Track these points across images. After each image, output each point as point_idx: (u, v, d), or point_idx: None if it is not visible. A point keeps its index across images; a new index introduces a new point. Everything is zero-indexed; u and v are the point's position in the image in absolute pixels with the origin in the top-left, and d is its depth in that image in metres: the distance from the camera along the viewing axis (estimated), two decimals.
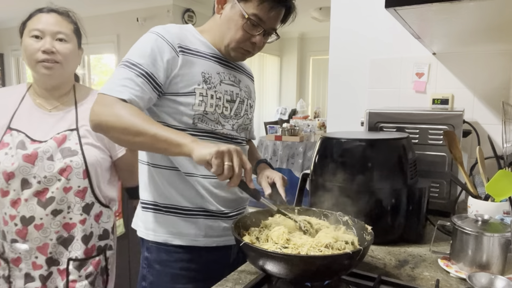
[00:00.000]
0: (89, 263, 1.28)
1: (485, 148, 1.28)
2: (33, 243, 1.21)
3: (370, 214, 1.03)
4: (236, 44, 1.09)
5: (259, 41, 1.10)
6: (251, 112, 1.27)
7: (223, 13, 1.10)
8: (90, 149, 1.25)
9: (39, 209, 1.19)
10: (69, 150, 1.22)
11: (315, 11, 5.68)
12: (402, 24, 1.01)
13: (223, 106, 1.12)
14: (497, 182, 1.04)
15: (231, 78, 1.17)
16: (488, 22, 1.04)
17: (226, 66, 1.17)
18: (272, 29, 1.13)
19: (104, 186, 1.31)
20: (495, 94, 1.58)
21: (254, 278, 0.86)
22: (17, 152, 1.18)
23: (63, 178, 1.20)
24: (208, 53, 1.12)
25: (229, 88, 1.15)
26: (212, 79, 1.10)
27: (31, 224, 1.19)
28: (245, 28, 1.07)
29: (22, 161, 1.17)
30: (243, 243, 0.78)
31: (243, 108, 1.20)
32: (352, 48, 1.86)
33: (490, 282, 0.79)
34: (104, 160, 1.28)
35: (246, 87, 1.24)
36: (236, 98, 1.17)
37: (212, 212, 1.13)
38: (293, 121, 5.33)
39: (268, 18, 1.07)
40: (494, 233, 0.88)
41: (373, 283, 0.83)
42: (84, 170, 1.23)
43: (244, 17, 1.05)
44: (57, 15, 1.25)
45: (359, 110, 1.81)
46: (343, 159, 1.08)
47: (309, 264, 0.74)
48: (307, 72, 8.09)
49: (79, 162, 1.21)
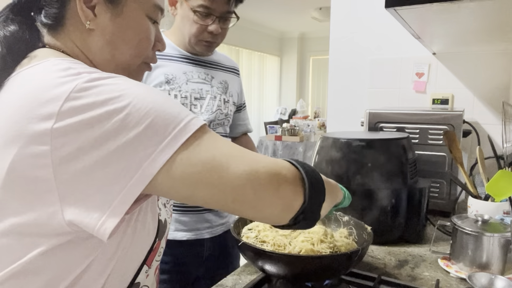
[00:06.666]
0: None
1: (485, 148, 1.28)
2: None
3: (370, 214, 1.03)
4: (195, 38, 1.13)
5: (215, 29, 1.12)
6: (228, 107, 1.27)
7: (177, 13, 1.15)
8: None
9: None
10: None
11: (315, 11, 5.68)
12: (402, 24, 1.01)
13: (191, 104, 1.15)
14: (497, 182, 1.04)
15: (201, 76, 1.19)
16: (488, 22, 1.04)
17: (196, 65, 1.19)
18: (226, 13, 1.13)
19: None
20: (495, 94, 1.58)
21: (254, 278, 0.86)
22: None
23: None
24: (175, 54, 1.16)
25: (197, 86, 1.17)
26: (176, 80, 1.13)
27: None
28: (197, 21, 1.10)
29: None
30: (241, 243, 0.78)
31: (215, 104, 1.21)
32: (352, 48, 1.86)
33: (490, 282, 0.79)
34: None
35: (220, 83, 1.25)
36: (206, 95, 1.18)
37: (180, 206, 1.16)
38: (293, 121, 5.33)
39: (214, 4, 1.09)
40: (494, 233, 0.88)
41: (373, 283, 0.83)
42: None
43: (192, 11, 1.09)
44: None
45: (359, 110, 1.81)
46: (343, 159, 1.08)
47: (308, 264, 0.74)
48: (307, 72, 8.10)
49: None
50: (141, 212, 0.59)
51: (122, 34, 0.61)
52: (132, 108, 0.48)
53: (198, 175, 0.49)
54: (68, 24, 0.59)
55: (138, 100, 0.48)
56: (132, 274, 0.60)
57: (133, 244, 0.58)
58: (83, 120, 0.46)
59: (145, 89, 0.51)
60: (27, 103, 0.48)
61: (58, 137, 0.46)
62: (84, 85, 0.48)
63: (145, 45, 0.64)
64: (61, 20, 0.59)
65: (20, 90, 0.51)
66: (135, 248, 0.59)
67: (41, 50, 0.59)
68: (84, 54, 0.61)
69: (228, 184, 0.49)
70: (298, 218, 0.56)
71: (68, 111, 0.46)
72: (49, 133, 0.46)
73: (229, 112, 1.27)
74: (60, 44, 0.60)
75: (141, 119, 0.47)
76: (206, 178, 0.49)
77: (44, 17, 0.59)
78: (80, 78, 0.49)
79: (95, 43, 0.60)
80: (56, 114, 0.46)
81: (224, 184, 0.49)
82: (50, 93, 0.48)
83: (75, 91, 0.47)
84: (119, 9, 0.60)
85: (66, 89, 0.47)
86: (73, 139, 0.46)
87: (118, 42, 0.61)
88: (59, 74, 0.50)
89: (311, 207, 0.56)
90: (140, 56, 0.64)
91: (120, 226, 0.48)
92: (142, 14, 0.62)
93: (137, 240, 0.58)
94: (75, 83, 0.48)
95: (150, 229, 0.62)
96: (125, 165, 0.47)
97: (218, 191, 0.50)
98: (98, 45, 0.60)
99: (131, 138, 0.47)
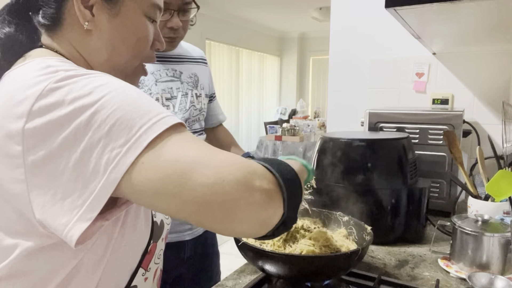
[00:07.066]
0: None
1: (485, 148, 1.28)
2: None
3: (370, 214, 1.03)
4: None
5: (175, 24, 1.08)
6: (201, 101, 1.23)
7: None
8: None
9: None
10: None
11: (315, 11, 5.68)
12: (402, 24, 1.01)
13: (163, 105, 1.10)
14: (497, 182, 1.04)
15: (169, 73, 1.15)
16: (488, 22, 1.04)
17: (163, 62, 1.15)
18: (184, 5, 1.09)
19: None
20: (495, 94, 1.58)
21: (254, 278, 0.86)
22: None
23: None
24: None
25: (166, 85, 1.13)
26: (144, 82, 1.09)
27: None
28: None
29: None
30: (241, 243, 0.78)
31: (188, 100, 1.18)
32: (352, 48, 1.86)
33: (490, 282, 0.79)
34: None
35: (189, 77, 1.21)
36: (177, 94, 1.15)
37: None
38: (293, 121, 5.32)
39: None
40: (494, 233, 0.88)
41: (373, 283, 0.82)
42: None
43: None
44: None
45: (359, 110, 1.81)
46: (343, 159, 1.08)
47: (308, 264, 0.74)
48: (307, 72, 8.09)
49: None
50: (129, 215, 0.57)
51: (120, 34, 0.60)
52: (99, 106, 0.45)
53: (158, 181, 0.44)
54: (65, 24, 0.59)
55: (108, 98, 0.46)
56: (127, 277, 0.59)
57: (124, 247, 0.57)
58: (51, 119, 0.45)
59: (120, 86, 0.49)
60: (6, 103, 0.48)
61: (29, 138, 0.45)
62: (56, 85, 0.47)
63: (143, 45, 0.63)
64: (59, 21, 0.59)
65: (3, 89, 0.51)
66: (125, 251, 0.57)
67: (35, 51, 0.58)
68: (81, 55, 0.60)
69: (189, 194, 0.43)
70: (279, 229, 0.50)
71: (38, 110, 0.45)
72: (21, 133, 0.46)
73: (202, 106, 1.24)
74: (56, 44, 0.59)
75: (107, 118, 0.45)
76: (166, 185, 0.44)
77: (42, 18, 0.59)
78: (54, 76, 0.48)
79: (93, 43, 0.59)
80: (27, 114, 0.46)
81: (184, 194, 0.43)
82: (25, 92, 0.47)
83: (46, 90, 0.46)
84: (116, 9, 0.59)
85: (39, 88, 0.47)
86: (43, 140, 0.45)
87: (116, 42, 0.60)
88: (37, 73, 0.49)
89: (291, 214, 0.50)
90: (138, 57, 0.63)
91: (93, 232, 0.47)
92: (140, 14, 0.61)
93: (127, 243, 0.57)
94: (48, 81, 0.47)
95: (143, 231, 0.60)
96: (93, 169, 0.45)
97: (178, 201, 0.44)
98: (95, 46, 0.59)
99: (97, 138, 0.44)
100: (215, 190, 0.43)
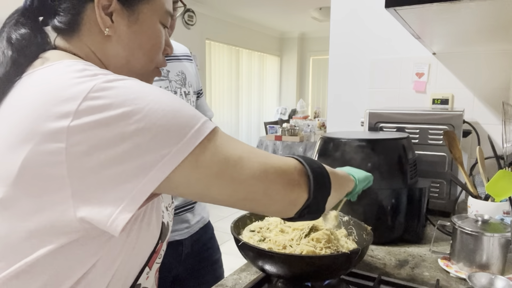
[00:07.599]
0: None
1: (485, 148, 1.28)
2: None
3: (370, 214, 1.03)
4: None
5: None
6: (190, 99, 1.23)
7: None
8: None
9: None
10: None
11: (315, 11, 5.68)
12: (402, 24, 1.01)
13: None
14: (497, 182, 1.04)
15: None
16: (488, 22, 1.04)
17: None
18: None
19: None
20: (495, 94, 1.58)
21: (254, 278, 0.86)
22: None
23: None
24: None
25: (155, 85, 1.13)
26: None
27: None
28: None
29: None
30: (241, 243, 0.78)
31: None
32: (352, 48, 1.86)
33: (490, 282, 0.79)
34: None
35: (177, 75, 1.20)
36: None
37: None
38: (293, 121, 5.32)
39: None
40: (494, 233, 0.88)
41: (373, 283, 0.83)
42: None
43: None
44: None
45: (359, 110, 1.81)
46: (343, 159, 1.08)
47: (308, 264, 0.74)
48: (307, 72, 8.09)
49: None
50: (146, 213, 0.59)
51: (137, 39, 0.62)
52: (149, 111, 0.49)
53: (213, 175, 0.51)
54: (83, 29, 0.61)
55: (155, 103, 0.50)
56: (135, 275, 0.60)
57: (137, 245, 0.58)
58: (100, 119, 0.47)
59: (160, 92, 0.53)
60: (44, 102, 0.49)
61: (74, 135, 0.47)
62: (102, 85, 0.49)
63: (157, 50, 0.66)
64: (77, 26, 0.60)
65: (35, 90, 0.52)
66: (139, 249, 0.59)
67: (52, 52, 0.60)
68: (99, 59, 0.62)
69: (241, 183, 0.53)
70: (303, 212, 0.60)
71: (85, 110, 0.48)
72: (65, 131, 0.47)
73: (192, 104, 1.24)
74: (73, 47, 0.61)
75: (157, 121, 0.49)
76: (220, 178, 0.52)
77: (58, 22, 0.60)
78: (97, 78, 0.50)
79: (112, 49, 0.62)
80: (73, 113, 0.47)
81: (237, 183, 0.53)
82: (67, 92, 0.49)
83: (93, 91, 0.49)
84: (135, 16, 0.61)
85: (83, 88, 0.49)
86: (89, 137, 0.47)
87: (134, 48, 0.63)
88: (75, 75, 0.51)
89: (316, 201, 0.60)
90: (152, 62, 0.66)
91: (130, 222, 0.49)
92: (156, 20, 0.64)
93: (141, 241, 0.59)
94: (93, 83, 0.49)
95: (154, 230, 0.62)
96: (140, 164, 0.48)
97: (231, 190, 0.53)
98: (114, 51, 0.62)
99: (148, 139, 0.48)
100: (262, 179, 0.54)
